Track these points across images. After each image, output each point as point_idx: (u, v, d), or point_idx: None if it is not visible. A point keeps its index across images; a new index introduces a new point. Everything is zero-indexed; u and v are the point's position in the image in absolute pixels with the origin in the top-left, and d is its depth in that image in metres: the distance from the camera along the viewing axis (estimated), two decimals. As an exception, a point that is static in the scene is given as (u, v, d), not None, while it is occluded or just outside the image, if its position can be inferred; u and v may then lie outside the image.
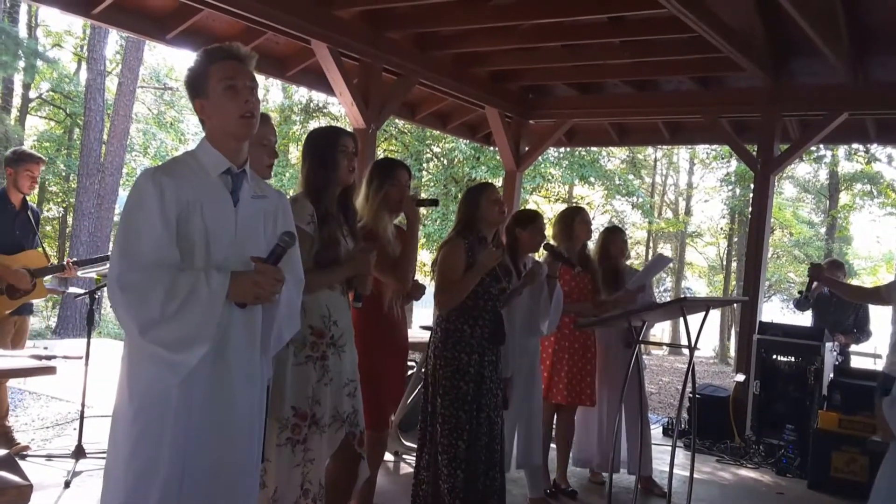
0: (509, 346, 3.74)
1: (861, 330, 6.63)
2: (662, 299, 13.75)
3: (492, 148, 10.79)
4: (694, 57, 6.22)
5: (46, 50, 17.45)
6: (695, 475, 4.17)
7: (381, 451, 3.54)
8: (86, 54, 15.92)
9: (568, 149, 15.48)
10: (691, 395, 4.79)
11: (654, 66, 6.70)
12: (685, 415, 6.39)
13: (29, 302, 4.59)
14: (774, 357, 6.22)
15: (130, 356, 2.05)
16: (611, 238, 4.96)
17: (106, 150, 13.72)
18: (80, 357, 4.39)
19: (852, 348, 6.84)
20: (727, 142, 7.64)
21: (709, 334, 19.24)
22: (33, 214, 4.64)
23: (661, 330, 21.95)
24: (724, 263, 23.14)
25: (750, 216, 7.05)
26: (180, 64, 20.54)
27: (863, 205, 21.06)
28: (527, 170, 9.77)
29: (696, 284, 25.47)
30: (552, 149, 13.90)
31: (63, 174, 17.79)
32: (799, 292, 6.71)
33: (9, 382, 4.82)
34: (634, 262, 17.97)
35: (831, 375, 5.89)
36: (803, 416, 5.88)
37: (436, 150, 16.94)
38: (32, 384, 6.30)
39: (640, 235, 23.31)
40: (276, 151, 2.80)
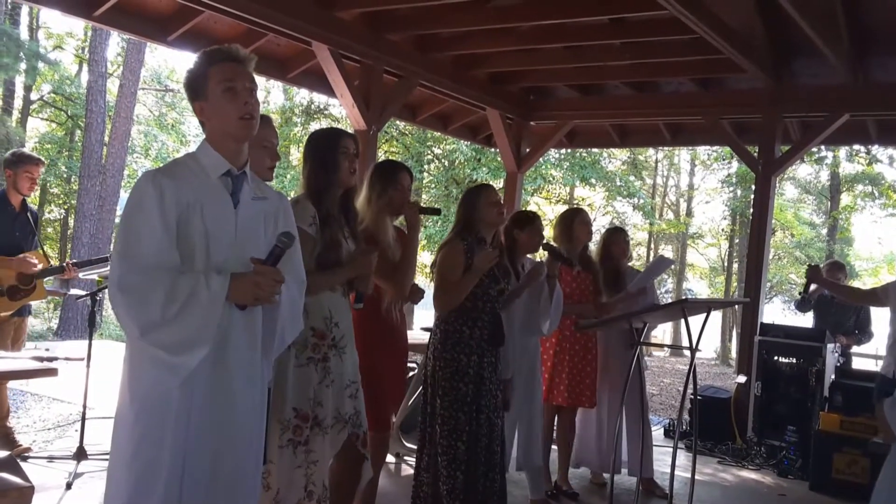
0: (509, 347, 3.73)
1: (862, 331, 6.62)
2: (664, 301, 13.73)
3: (493, 149, 10.80)
4: (695, 58, 6.22)
5: (48, 52, 17.48)
6: (696, 477, 4.16)
7: (384, 452, 3.53)
8: (87, 56, 15.96)
9: (569, 150, 15.47)
10: (692, 397, 4.78)
11: (655, 68, 6.70)
12: (686, 416, 6.37)
13: (28, 303, 4.59)
14: (776, 358, 6.21)
15: (131, 358, 2.06)
16: (613, 238, 4.96)
17: (107, 152, 13.72)
18: (82, 359, 4.39)
19: (854, 350, 6.84)
20: (728, 143, 7.65)
21: (710, 336, 19.22)
22: (32, 216, 4.64)
23: (663, 331, 21.95)
24: (726, 265, 23.13)
25: (751, 217, 7.04)
26: (181, 66, 20.61)
27: (864, 206, 21.04)
28: (528, 171, 9.76)
29: (698, 286, 25.47)
30: (553, 150, 13.90)
31: (64, 176, 17.82)
32: (799, 293, 6.71)
33: (10, 384, 4.82)
34: (636, 264, 17.96)
35: (833, 377, 5.89)
36: (805, 418, 5.88)
37: (437, 152, 16.94)
38: (34, 386, 6.29)
39: (642, 237, 23.32)
40: (278, 153, 2.79)
